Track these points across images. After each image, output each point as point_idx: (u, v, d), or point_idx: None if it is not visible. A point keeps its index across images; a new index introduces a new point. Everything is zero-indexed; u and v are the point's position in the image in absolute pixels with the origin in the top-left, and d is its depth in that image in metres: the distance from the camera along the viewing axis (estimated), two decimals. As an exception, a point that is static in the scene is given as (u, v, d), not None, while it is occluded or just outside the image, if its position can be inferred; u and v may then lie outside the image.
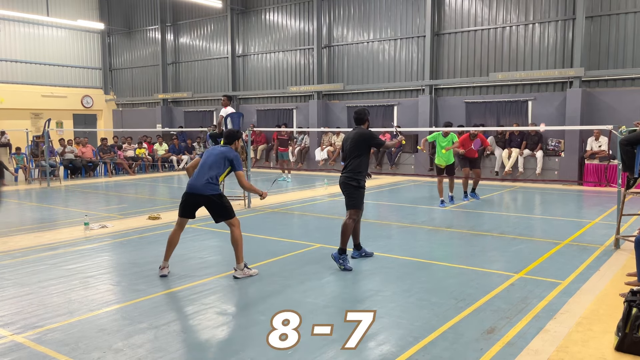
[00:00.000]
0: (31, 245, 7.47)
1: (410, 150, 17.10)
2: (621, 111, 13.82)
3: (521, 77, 15.38)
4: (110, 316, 4.64)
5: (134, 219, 9.58)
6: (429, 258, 6.55)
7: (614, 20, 14.25)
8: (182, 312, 4.80)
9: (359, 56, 19.00)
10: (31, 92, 23.96)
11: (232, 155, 5.83)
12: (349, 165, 6.21)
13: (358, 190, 6.18)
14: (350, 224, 6.14)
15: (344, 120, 19.28)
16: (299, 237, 7.99)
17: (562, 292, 5.13)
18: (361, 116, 6.30)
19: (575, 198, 12.17)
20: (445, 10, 16.98)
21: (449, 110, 16.91)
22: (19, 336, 4.20)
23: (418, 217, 9.53)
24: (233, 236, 5.73)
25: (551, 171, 14.76)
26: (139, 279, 5.77)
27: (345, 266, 5.99)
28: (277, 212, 10.31)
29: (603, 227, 8.37)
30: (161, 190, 14.76)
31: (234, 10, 21.88)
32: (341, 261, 6.01)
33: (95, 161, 18.33)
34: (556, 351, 3.81)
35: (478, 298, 4.98)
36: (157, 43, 25.09)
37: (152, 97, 25.49)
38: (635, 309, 3.76)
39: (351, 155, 6.20)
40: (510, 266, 6.14)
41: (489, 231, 8.21)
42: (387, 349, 3.89)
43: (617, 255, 6.60)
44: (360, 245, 6.61)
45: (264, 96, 21.82)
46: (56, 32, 25.21)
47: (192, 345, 4.03)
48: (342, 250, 6.07)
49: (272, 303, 4.91)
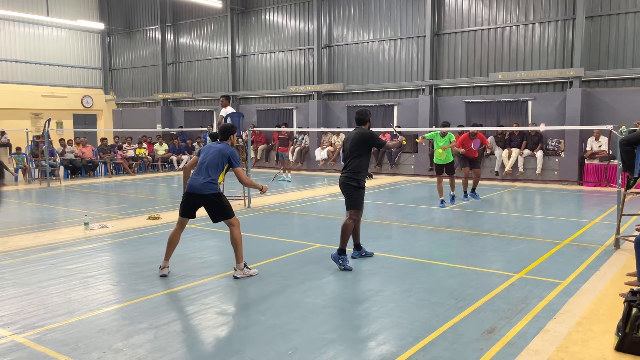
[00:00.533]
0: (31, 245, 7.47)
1: (410, 150, 17.10)
2: (621, 111, 13.82)
3: (521, 77, 15.38)
4: (110, 316, 4.64)
5: (134, 219, 9.58)
6: (429, 258, 6.55)
7: (614, 20, 14.25)
8: (182, 312, 4.80)
9: (359, 56, 19.00)
10: (31, 92, 23.96)
11: (229, 151, 5.78)
12: (348, 165, 6.21)
13: (358, 190, 6.18)
14: (350, 225, 6.14)
15: (344, 120, 19.28)
16: (299, 237, 7.99)
17: (562, 292, 5.13)
18: (362, 117, 6.29)
19: (575, 198, 12.17)
20: (445, 10, 16.98)
21: (449, 110, 16.90)
22: (19, 336, 4.20)
23: (418, 217, 9.53)
24: (232, 236, 5.72)
25: (551, 171, 14.76)
26: (139, 279, 5.77)
27: (345, 266, 5.99)
28: (277, 212, 10.31)
29: (603, 227, 8.37)
30: (161, 190, 14.76)
31: (234, 10, 21.88)
32: (341, 261, 6.01)
33: (95, 161, 18.33)
34: (556, 351, 3.81)
35: (478, 298, 4.98)
36: (157, 43, 25.09)
37: (152, 97, 25.49)
38: (635, 309, 3.76)
39: (351, 155, 6.19)
40: (510, 266, 6.14)
41: (489, 231, 8.21)
42: (387, 349, 3.89)
43: (617, 255, 6.60)
44: (360, 245, 6.61)
45: (264, 96, 21.82)
46: (56, 32, 25.21)
47: (192, 345, 4.03)
48: (341, 250, 6.06)
49: (272, 303, 4.91)
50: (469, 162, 11.21)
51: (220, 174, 5.76)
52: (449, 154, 10.77)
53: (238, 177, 5.83)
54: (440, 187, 10.76)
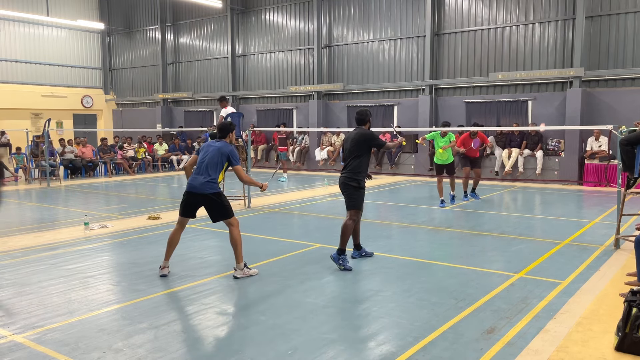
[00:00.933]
0: (31, 245, 7.47)
1: (410, 150, 17.10)
2: (621, 111, 13.82)
3: (521, 77, 15.37)
4: (110, 316, 4.63)
5: (134, 219, 9.57)
6: (429, 258, 6.55)
7: (614, 20, 14.25)
8: (182, 312, 4.80)
9: (359, 56, 19.00)
10: (31, 92, 23.95)
11: (228, 150, 5.75)
12: (348, 166, 6.20)
13: (358, 190, 6.16)
14: (350, 225, 6.13)
15: (344, 120, 19.28)
16: (299, 237, 7.99)
17: (562, 292, 5.13)
18: (363, 117, 6.27)
19: (575, 198, 12.16)
20: (445, 10, 16.98)
21: (449, 110, 16.90)
22: (19, 336, 4.20)
23: (418, 217, 9.53)
24: (232, 236, 5.72)
25: (551, 171, 14.76)
26: (139, 279, 5.77)
27: (345, 266, 5.99)
28: (277, 212, 10.31)
29: (603, 227, 8.37)
30: (161, 190, 14.76)
31: (234, 10, 21.88)
32: (340, 261, 6.01)
33: (95, 161, 18.33)
34: (556, 351, 3.81)
35: (478, 298, 4.98)
36: (157, 43, 25.08)
37: (152, 97, 25.49)
38: (635, 309, 3.76)
39: (351, 155, 6.18)
40: (510, 266, 6.14)
41: (489, 231, 8.21)
42: (387, 349, 3.89)
43: (617, 255, 6.60)
44: (360, 245, 6.61)
45: (264, 96, 21.81)
46: (56, 32, 25.20)
47: (192, 345, 4.03)
48: (341, 250, 6.06)
49: (272, 303, 4.91)
50: (469, 162, 11.22)
51: (220, 172, 5.74)
52: (449, 154, 10.78)
53: (238, 175, 5.79)
54: (441, 187, 10.76)
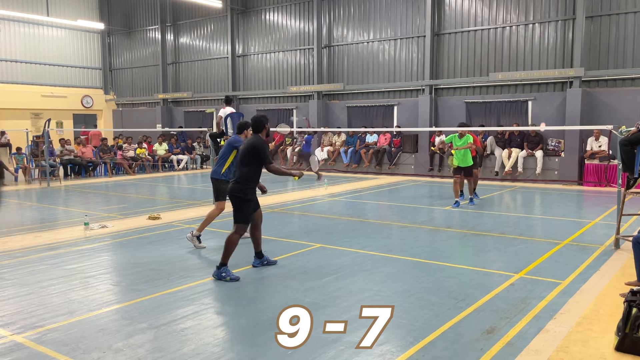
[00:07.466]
0: (31, 245, 7.47)
1: (410, 150, 17.10)
2: (621, 111, 13.82)
3: (521, 77, 15.37)
4: (110, 316, 4.64)
5: (134, 219, 9.57)
6: (429, 258, 6.55)
7: (614, 20, 14.25)
8: (182, 312, 4.80)
9: (359, 56, 19.00)
10: (31, 92, 23.96)
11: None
12: (237, 173, 5.78)
13: (245, 202, 5.72)
14: (235, 239, 5.68)
15: (344, 120, 19.28)
16: (299, 237, 7.99)
17: (562, 292, 5.13)
18: (258, 124, 5.82)
19: (575, 198, 12.16)
20: (445, 10, 16.98)
21: (449, 111, 16.90)
22: (19, 336, 4.20)
23: (418, 217, 9.53)
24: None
25: (551, 171, 14.75)
26: (139, 279, 5.77)
27: (231, 277, 5.61)
28: (277, 212, 10.31)
29: (603, 227, 8.37)
30: (161, 190, 14.76)
31: (234, 10, 21.88)
32: (224, 274, 5.61)
33: (95, 161, 18.32)
34: (556, 351, 3.81)
35: (478, 298, 4.98)
36: (157, 43, 25.08)
37: (152, 97, 25.49)
38: (635, 309, 3.76)
39: (241, 162, 5.74)
40: (510, 266, 6.14)
41: (489, 231, 8.21)
42: (387, 349, 3.89)
43: (617, 255, 6.60)
44: (262, 254, 6.23)
45: (264, 96, 21.81)
46: (56, 32, 25.20)
47: (191, 345, 4.03)
48: (222, 264, 5.66)
49: (272, 303, 4.91)
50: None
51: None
52: (467, 156, 10.61)
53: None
54: (456, 188, 10.66)
